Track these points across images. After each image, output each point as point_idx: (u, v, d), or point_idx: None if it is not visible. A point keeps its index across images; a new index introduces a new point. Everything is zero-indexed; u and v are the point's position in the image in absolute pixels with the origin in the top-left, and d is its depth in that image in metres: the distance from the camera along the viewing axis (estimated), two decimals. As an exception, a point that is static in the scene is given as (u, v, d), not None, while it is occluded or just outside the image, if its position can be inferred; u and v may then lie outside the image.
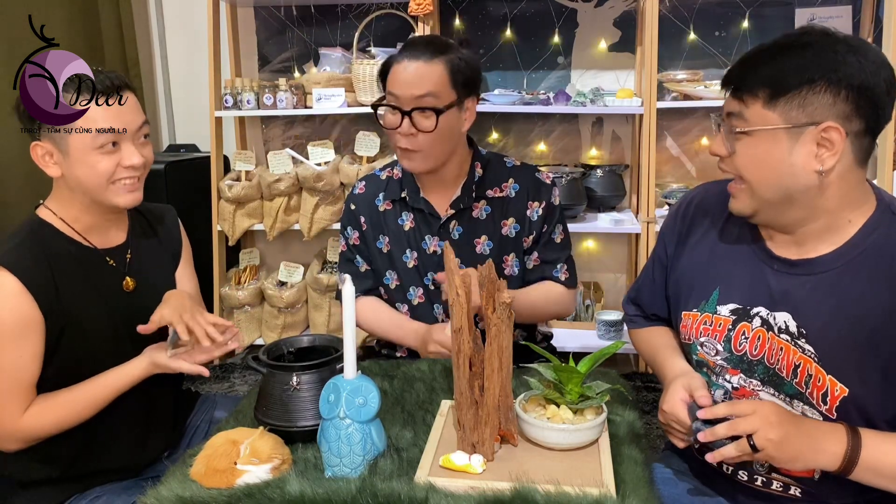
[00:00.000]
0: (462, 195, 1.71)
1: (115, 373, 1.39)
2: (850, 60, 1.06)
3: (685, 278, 1.33)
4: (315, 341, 1.34)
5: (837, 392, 1.12)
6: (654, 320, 1.47)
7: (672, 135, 3.22)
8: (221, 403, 1.72)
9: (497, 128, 3.33)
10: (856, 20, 2.99)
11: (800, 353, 1.16)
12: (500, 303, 1.09)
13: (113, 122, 1.35)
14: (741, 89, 1.12)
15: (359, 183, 1.83)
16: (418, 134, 1.59)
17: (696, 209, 1.35)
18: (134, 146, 1.38)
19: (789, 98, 1.07)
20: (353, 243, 1.81)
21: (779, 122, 1.09)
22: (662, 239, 1.41)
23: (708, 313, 1.27)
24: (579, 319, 3.22)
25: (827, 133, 1.07)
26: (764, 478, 1.23)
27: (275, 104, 3.05)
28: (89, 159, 1.34)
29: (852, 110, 1.06)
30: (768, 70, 1.09)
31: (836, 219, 1.14)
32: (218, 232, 3.19)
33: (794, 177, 1.10)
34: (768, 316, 1.20)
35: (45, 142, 1.35)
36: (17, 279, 1.30)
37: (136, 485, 1.45)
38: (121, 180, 1.38)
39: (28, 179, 2.90)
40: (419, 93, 1.57)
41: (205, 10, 3.06)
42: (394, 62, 1.62)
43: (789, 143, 1.09)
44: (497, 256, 1.72)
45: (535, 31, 3.21)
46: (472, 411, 1.12)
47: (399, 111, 1.59)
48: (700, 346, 1.28)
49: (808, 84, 1.06)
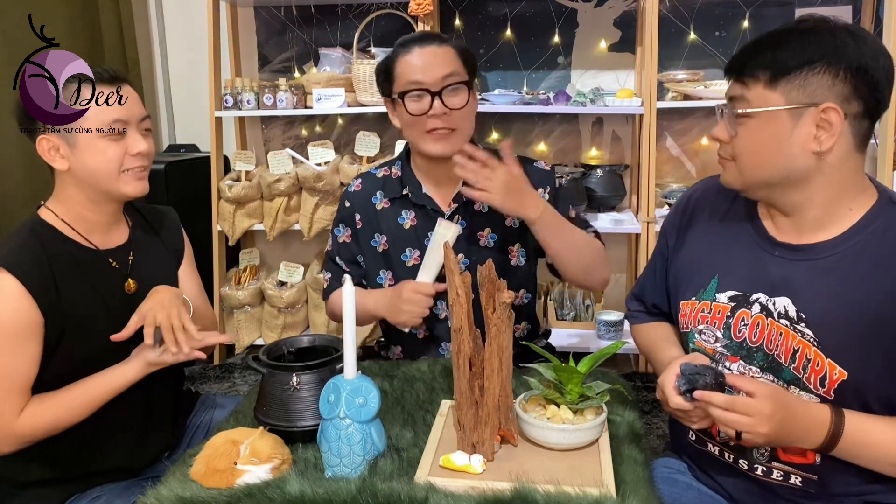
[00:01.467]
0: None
1: (109, 373, 1.39)
2: (850, 43, 1.09)
3: (684, 268, 1.35)
4: (315, 341, 1.34)
5: (836, 375, 1.14)
6: (655, 315, 1.48)
7: (672, 135, 3.22)
8: (221, 403, 1.71)
9: (497, 128, 3.33)
10: (856, 20, 2.99)
11: (799, 337, 1.17)
12: (500, 303, 1.09)
13: (117, 110, 1.37)
14: (743, 73, 1.15)
15: (354, 180, 1.82)
16: (451, 112, 1.60)
17: (697, 202, 1.38)
18: (138, 133, 1.41)
19: (790, 79, 1.10)
20: (343, 241, 1.79)
21: (780, 102, 1.11)
22: (664, 232, 1.44)
23: (706, 301, 1.28)
24: (579, 319, 3.22)
25: (826, 114, 1.09)
26: (764, 466, 1.23)
27: (275, 104, 3.05)
28: (98, 146, 1.37)
29: (851, 91, 1.09)
30: (769, 54, 1.12)
31: (836, 206, 1.16)
32: (218, 232, 3.19)
33: (794, 157, 1.13)
34: (767, 302, 1.21)
35: (50, 135, 1.36)
36: (17, 281, 1.30)
37: (136, 485, 1.45)
38: (130, 169, 1.40)
39: (28, 179, 2.90)
40: (445, 72, 1.59)
41: (205, 10, 3.06)
42: (400, 55, 1.62)
43: (790, 124, 1.12)
44: (501, 248, 1.72)
45: (535, 31, 3.21)
46: (472, 411, 1.12)
47: (428, 93, 1.59)
48: (699, 334, 1.29)
49: (808, 65, 1.09)
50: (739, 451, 1.26)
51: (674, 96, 2.95)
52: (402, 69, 1.62)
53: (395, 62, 1.63)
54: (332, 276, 1.81)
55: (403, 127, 1.67)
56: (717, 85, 2.89)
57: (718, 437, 1.28)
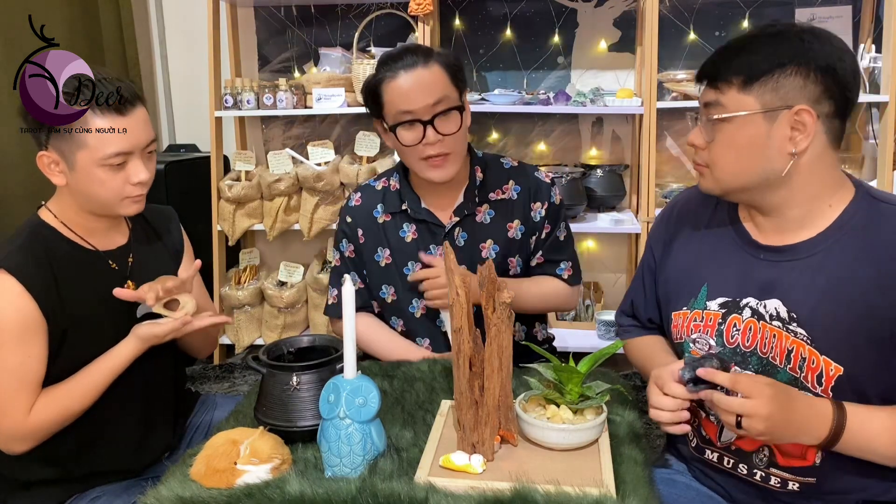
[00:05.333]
0: (465, 201, 1.69)
1: (107, 356, 1.39)
2: (816, 47, 1.13)
3: (673, 280, 1.36)
4: (315, 341, 1.34)
5: (832, 372, 1.14)
6: (650, 329, 1.48)
7: (672, 135, 3.22)
8: (221, 403, 1.72)
9: (497, 128, 3.33)
10: (856, 20, 2.99)
11: (792, 337, 1.18)
12: (500, 303, 1.09)
13: (122, 144, 1.33)
14: (716, 79, 1.17)
15: (354, 194, 1.79)
16: (444, 138, 1.56)
17: (681, 212, 1.39)
18: (141, 161, 1.38)
19: (763, 82, 1.13)
20: (347, 255, 1.77)
21: (755, 105, 1.14)
22: (650, 245, 1.45)
23: (697, 310, 1.29)
24: (579, 319, 3.22)
25: (799, 116, 1.12)
26: (763, 472, 1.23)
27: (275, 104, 3.05)
28: (97, 175, 1.34)
29: (821, 92, 1.12)
30: (741, 59, 1.15)
31: (816, 202, 1.19)
32: (218, 232, 3.19)
33: (770, 159, 1.15)
34: (758, 305, 1.22)
35: (51, 151, 1.35)
36: (18, 282, 1.30)
37: (136, 485, 1.45)
38: (129, 197, 1.38)
39: (28, 179, 2.90)
40: (433, 99, 1.54)
41: (205, 10, 3.06)
42: (385, 80, 1.56)
43: (766, 127, 1.14)
44: (502, 259, 1.71)
45: (535, 31, 3.21)
46: (472, 411, 1.12)
47: (419, 123, 1.55)
48: (692, 343, 1.29)
49: (780, 68, 1.12)
50: (739, 457, 1.26)
51: (674, 96, 2.95)
52: (390, 96, 1.57)
53: (381, 87, 1.58)
54: (339, 292, 1.78)
55: (398, 151, 1.65)
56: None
57: (719, 443, 1.28)
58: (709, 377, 1.12)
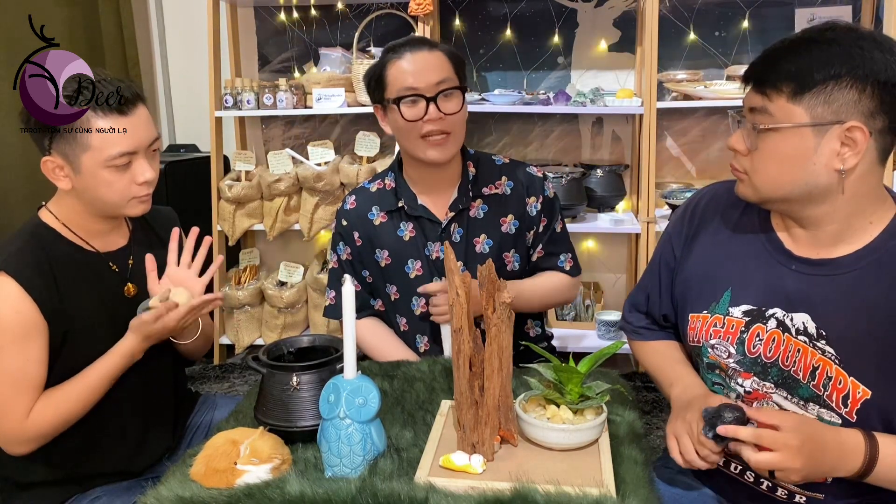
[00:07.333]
0: (460, 196, 1.70)
1: (106, 356, 1.39)
2: (877, 56, 1.04)
3: (693, 279, 1.30)
4: (315, 341, 1.34)
5: (860, 394, 1.10)
6: (664, 328, 1.43)
7: (672, 135, 3.22)
8: (221, 403, 1.71)
9: (497, 128, 3.32)
10: (856, 20, 2.99)
11: (819, 354, 1.13)
12: (500, 303, 1.09)
13: (126, 143, 1.33)
14: (764, 83, 1.09)
15: (348, 198, 1.80)
16: (446, 117, 1.60)
17: (706, 209, 1.33)
18: (145, 160, 1.38)
19: (815, 93, 1.05)
20: (344, 258, 1.78)
21: (805, 117, 1.06)
22: (669, 241, 1.37)
23: (719, 315, 1.24)
24: (579, 319, 3.22)
25: (851, 133, 1.05)
26: (770, 482, 1.22)
27: (275, 104, 3.05)
28: (103, 177, 1.34)
29: (876, 106, 1.04)
30: (792, 65, 1.07)
31: (857, 219, 1.13)
32: (218, 232, 3.19)
33: (816, 174, 1.08)
34: (784, 317, 1.17)
35: (55, 156, 1.34)
36: (18, 285, 1.30)
37: (137, 485, 1.45)
38: (136, 197, 1.39)
39: (28, 180, 2.90)
40: (437, 78, 1.59)
41: (205, 10, 3.06)
42: (391, 61, 1.61)
43: (814, 141, 1.07)
44: (497, 254, 1.72)
45: (535, 31, 3.21)
46: (472, 411, 1.12)
47: (423, 98, 1.58)
48: (711, 349, 1.25)
49: (834, 80, 1.04)
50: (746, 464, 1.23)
51: (674, 96, 2.95)
52: (394, 75, 1.60)
53: (386, 68, 1.62)
54: (337, 293, 1.79)
55: (397, 134, 1.66)
56: (717, 85, 2.89)
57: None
58: (731, 434, 1.06)
